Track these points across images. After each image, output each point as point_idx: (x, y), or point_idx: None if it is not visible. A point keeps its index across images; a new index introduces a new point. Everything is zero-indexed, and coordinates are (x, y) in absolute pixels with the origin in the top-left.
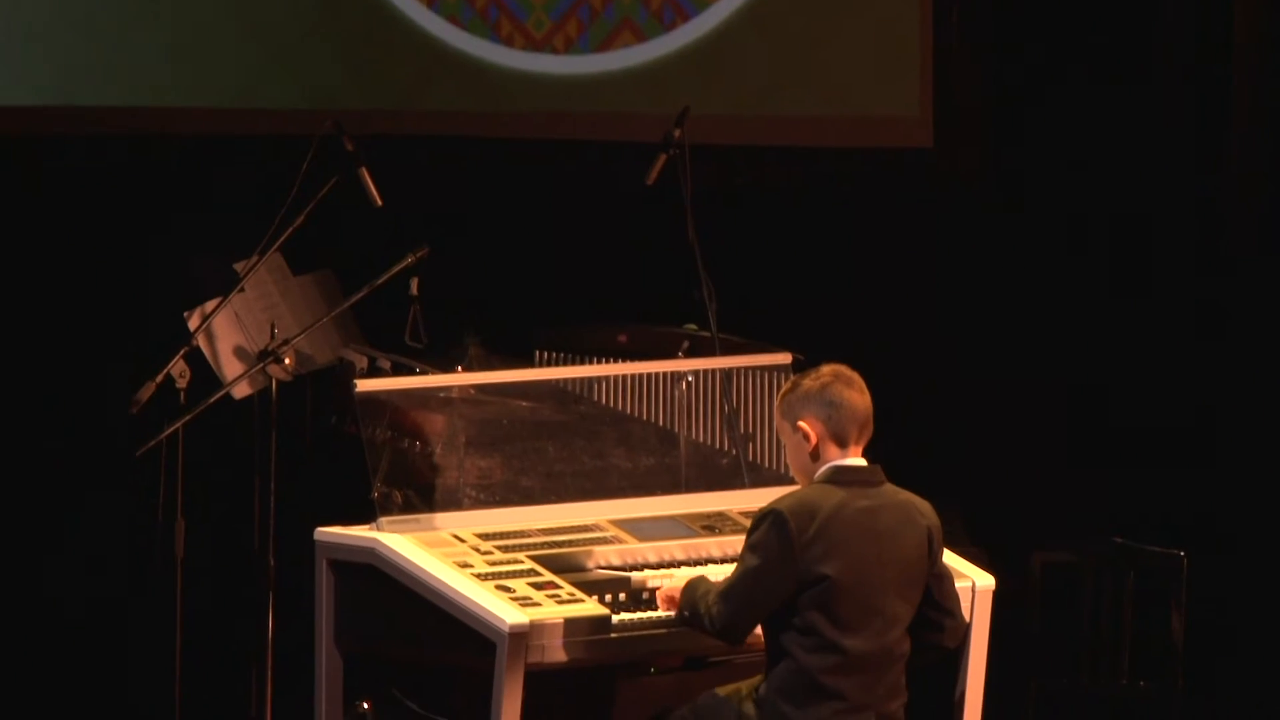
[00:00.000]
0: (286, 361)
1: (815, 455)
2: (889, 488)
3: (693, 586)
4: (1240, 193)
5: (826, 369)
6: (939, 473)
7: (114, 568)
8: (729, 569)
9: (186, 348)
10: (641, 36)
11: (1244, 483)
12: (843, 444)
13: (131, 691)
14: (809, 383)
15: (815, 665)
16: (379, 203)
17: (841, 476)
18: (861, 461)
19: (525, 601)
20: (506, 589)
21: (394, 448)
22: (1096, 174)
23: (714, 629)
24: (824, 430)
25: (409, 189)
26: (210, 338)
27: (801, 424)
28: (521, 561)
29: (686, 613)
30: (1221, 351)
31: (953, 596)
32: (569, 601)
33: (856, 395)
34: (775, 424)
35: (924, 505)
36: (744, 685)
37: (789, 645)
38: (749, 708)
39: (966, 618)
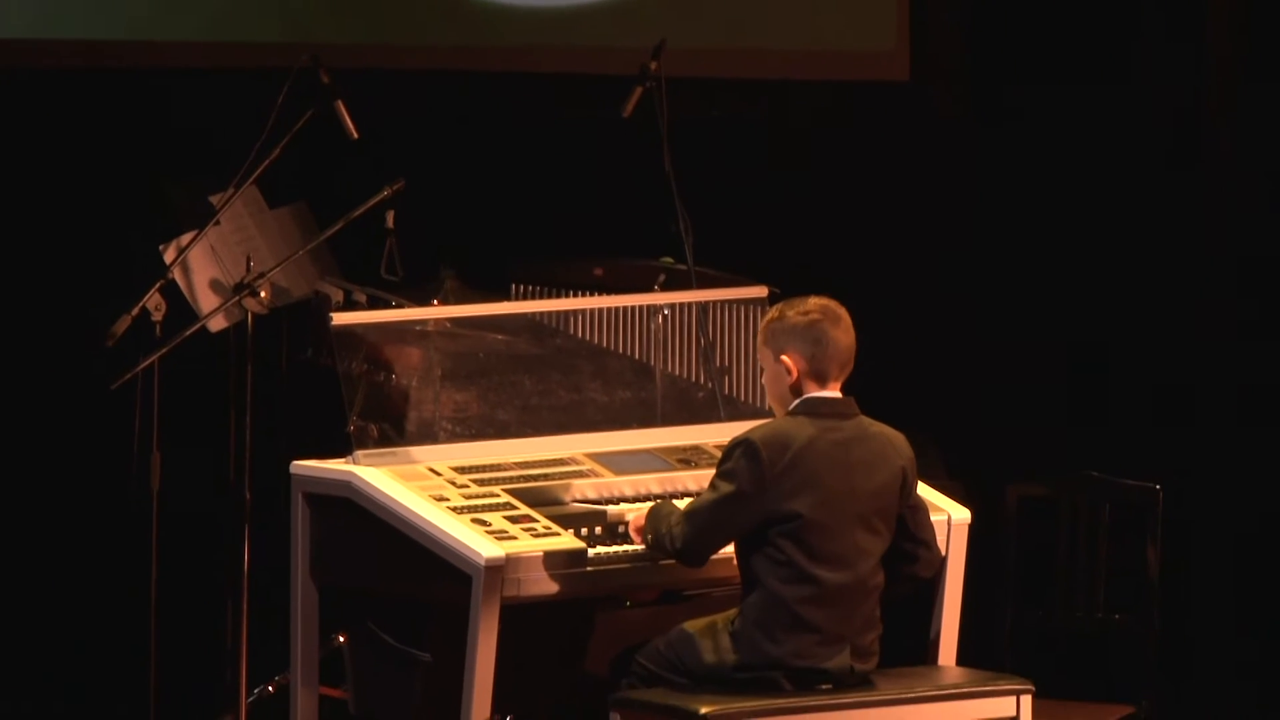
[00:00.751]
0: (262, 295)
1: (795, 387)
2: (863, 420)
3: (657, 510)
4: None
5: (815, 303)
6: (916, 405)
7: (89, 500)
8: None
9: (162, 281)
10: None
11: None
12: (822, 381)
13: (107, 624)
14: (797, 317)
15: (790, 596)
16: (355, 135)
17: (816, 408)
18: (837, 394)
19: (501, 535)
20: (482, 522)
21: (370, 381)
22: (1079, 104)
23: (674, 549)
24: (806, 367)
25: (385, 122)
26: (186, 271)
27: (785, 358)
28: (497, 495)
29: (650, 535)
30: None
31: (928, 528)
32: (545, 535)
33: (842, 335)
34: (757, 349)
35: (898, 438)
36: (719, 618)
37: (764, 577)
38: (724, 640)
39: (942, 550)
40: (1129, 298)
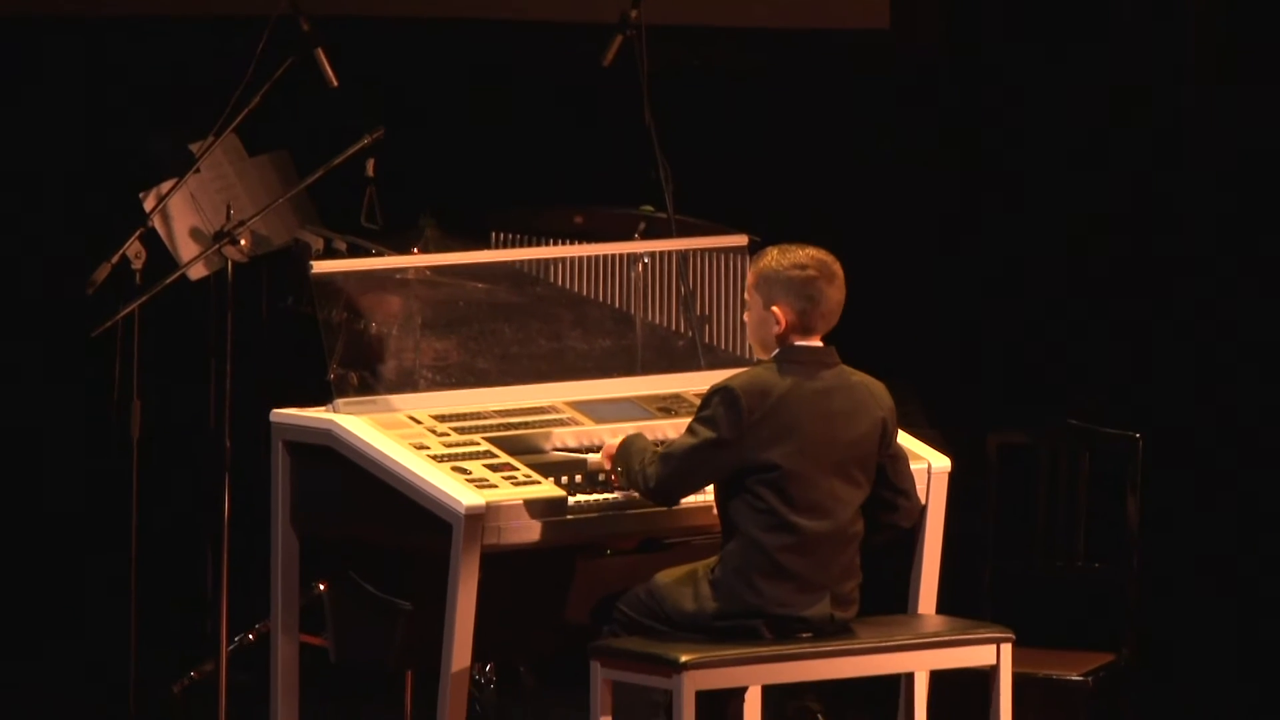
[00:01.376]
0: (242, 243)
1: (781, 337)
2: (843, 369)
3: (629, 443)
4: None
5: (811, 257)
6: (896, 354)
7: (70, 448)
8: None
9: (142, 229)
10: None
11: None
12: (808, 334)
13: (87, 573)
14: (793, 270)
15: (769, 544)
16: (335, 83)
17: (796, 356)
18: (818, 343)
19: (481, 483)
20: (463, 471)
21: (350, 329)
22: (1060, 49)
23: (646, 487)
24: (795, 321)
25: (365, 70)
26: (166, 219)
27: (775, 309)
28: (478, 443)
29: (621, 468)
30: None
31: (907, 477)
32: (525, 483)
33: (835, 291)
34: (746, 289)
35: (878, 387)
36: (699, 566)
37: (743, 525)
38: (704, 588)
39: (922, 499)
40: (1110, 247)
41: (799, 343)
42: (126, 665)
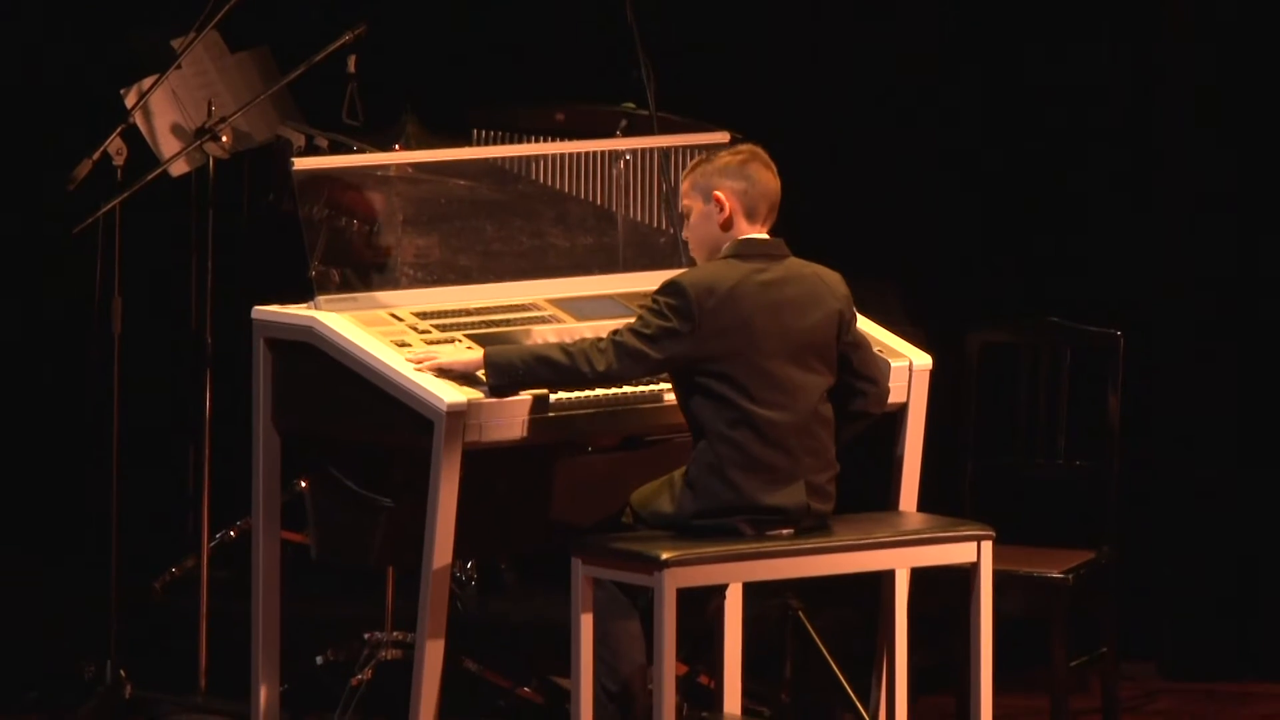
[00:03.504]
0: (224, 139)
1: (726, 226)
2: (794, 261)
3: (498, 349)
4: None
5: (744, 146)
6: (876, 251)
7: (51, 345)
8: None
9: (123, 125)
10: None
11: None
12: (752, 219)
13: (69, 470)
14: (727, 157)
15: (735, 438)
16: None
17: (745, 250)
18: (765, 235)
19: (463, 379)
20: None
21: (331, 226)
22: None
23: (593, 373)
24: (738, 204)
25: None
26: (147, 115)
27: (718, 194)
28: (459, 340)
29: (508, 376)
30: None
31: (872, 364)
32: None
33: (771, 177)
34: (682, 199)
35: (832, 277)
36: (673, 473)
37: (707, 421)
38: (681, 489)
39: (903, 397)
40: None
41: (746, 235)
42: (108, 562)
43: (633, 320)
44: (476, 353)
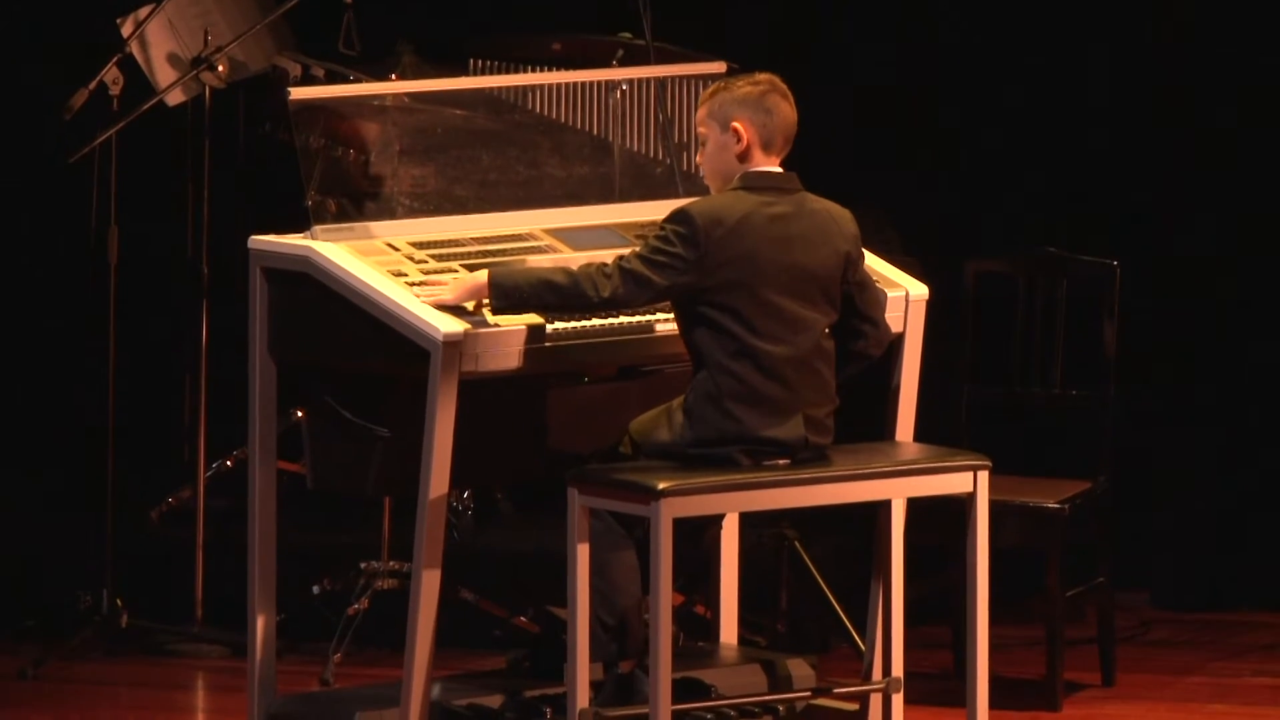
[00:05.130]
0: (220, 69)
1: (743, 157)
2: (805, 195)
3: (504, 269)
4: None
5: (763, 77)
6: (872, 182)
7: (48, 274)
8: None
9: (119, 54)
10: None
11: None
12: (768, 151)
13: (66, 397)
14: (747, 87)
15: (736, 370)
16: None
17: (756, 182)
18: (778, 168)
19: (459, 310)
20: None
21: (328, 156)
22: None
23: (598, 298)
24: (755, 135)
25: None
26: (143, 44)
27: (735, 124)
28: (456, 270)
29: (511, 298)
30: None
31: (875, 304)
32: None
33: (790, 108)
34: (698, 125)
35: (843, 215)
36: (671, 402)
37: (708, 351)
38: (678, 417)
39: (900, 327)
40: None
41: (759, 167)
42: (105, 490)
43: (638, 247)
44: (480, 274)
